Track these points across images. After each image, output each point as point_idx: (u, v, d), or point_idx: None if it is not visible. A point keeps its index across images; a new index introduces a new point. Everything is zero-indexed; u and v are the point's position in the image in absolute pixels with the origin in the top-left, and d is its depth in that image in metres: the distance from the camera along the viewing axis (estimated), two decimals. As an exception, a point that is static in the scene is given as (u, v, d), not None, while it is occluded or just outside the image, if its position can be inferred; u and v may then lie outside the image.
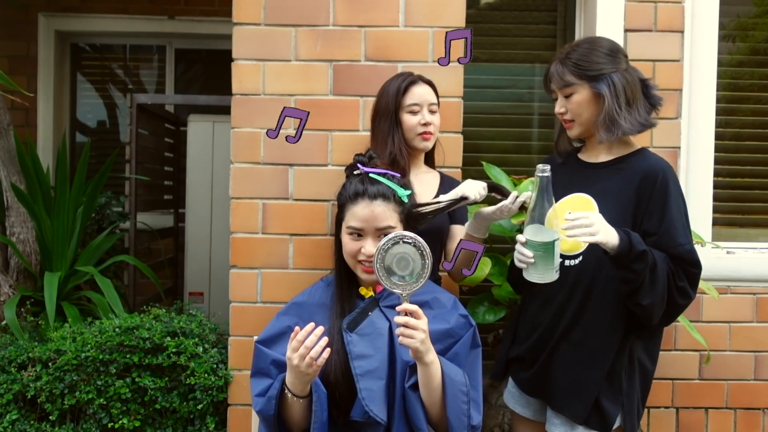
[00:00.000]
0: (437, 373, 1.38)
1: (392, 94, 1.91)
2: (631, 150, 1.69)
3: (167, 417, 2.17)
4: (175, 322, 2.24)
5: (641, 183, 1.60)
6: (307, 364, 1.31)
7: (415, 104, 1.90)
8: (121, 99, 4.46)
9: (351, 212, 1.49)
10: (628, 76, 1.64)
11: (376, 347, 1.44)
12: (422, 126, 1.90)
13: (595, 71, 1.62)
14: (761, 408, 2.60)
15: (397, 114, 1.91)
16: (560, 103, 1.69)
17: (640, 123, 1.63)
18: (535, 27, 2.89)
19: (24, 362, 2.17)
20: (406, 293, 1.37)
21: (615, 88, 1.61)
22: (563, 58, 1.67)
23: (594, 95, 1.63)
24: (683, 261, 1.56)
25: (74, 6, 4.18)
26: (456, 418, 1.40)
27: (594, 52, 1.64)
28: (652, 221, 1.58)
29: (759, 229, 2.80)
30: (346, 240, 1.50)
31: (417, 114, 1.91)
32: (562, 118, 1.71)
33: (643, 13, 2.53)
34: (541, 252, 1.52)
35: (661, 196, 1.58)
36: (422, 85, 1.94)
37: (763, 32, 2.84)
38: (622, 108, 1.61)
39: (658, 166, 1.61)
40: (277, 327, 1.51)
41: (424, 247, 1.37)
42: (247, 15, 2.19)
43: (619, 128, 1.60)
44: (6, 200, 2.72)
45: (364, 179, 1.52)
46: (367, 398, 1.38)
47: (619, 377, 1.62)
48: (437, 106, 1.95)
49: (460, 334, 1.49)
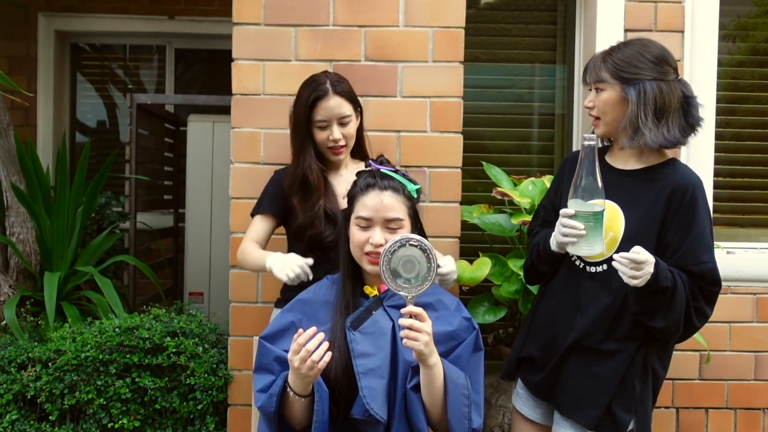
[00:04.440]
0: (439, 375, 1.38)
1: (302, 106, 1.85)
2: (662, 159, 1.65)
3: (167, 417, 2.17)
4: (175, 322, 2.24)
5: (671, 195, 1.56)
6: (308, 367, 1.32)
7: (323, 120, 1.84)
8: (121, 99, 4.46)
9: (360, 203, 1.51)
10: (665, 88, 1.56)
11: (378, 346, 1.44)
12: (331, 142, 1.86)
13: (630, 74, 1.57)
14: (761, 408, 2.60)
15: (308, 126, 1.86)
16: (590, 96, 1.65)
17: (666, 138, 1.56)
18: (535, 27, 2.89)
19: (24, 362, 2.17)
20: (411, 296, 1.37)
21: (645, 95, 1.55)
22: (607, 54, 1.62)
23: (622, 98, 1.59)
24: (703, 279, 1.53)
25: (74, 6, 4.18)
26: (457, 421, 1.40)
27: (639, 57, 1.58)
28: (677, 236, 1.55)
29: (759, 229, 2.79)
30: (354, 231, 1.51)
31: (325, 129, 1.85)
32: (589, 113, 1.67)
33: (643, 13, 2.53)
34: (591, 222, 1.50)
35: (688, 211, 1.55)
36: (331, 98, 1.83)
37: (763, 32, 2.84)
38: (648, 117, 1.55)
39: (689, 180, 1.57)
40: (281, 323, 1.51)
41: (430, 249, 1.37)
42: (247, 15, 2.19)
43: (641, 137, 1.56)
44: (6, 200, 2.72)
45: (374, 174, 1.55)
46: (368, 397, 1.38)
47: (633, 383, 1.60)
48: (352, 115, 1.87)
49: (463, 337, 1.49)
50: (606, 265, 1.61)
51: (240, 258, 1.90)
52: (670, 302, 1.50)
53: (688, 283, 1.53)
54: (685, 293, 1.51)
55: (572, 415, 1.63)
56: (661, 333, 1.54)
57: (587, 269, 1.65)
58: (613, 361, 1.60)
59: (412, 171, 2.13)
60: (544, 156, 2.91)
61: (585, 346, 1.62)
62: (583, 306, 1.63)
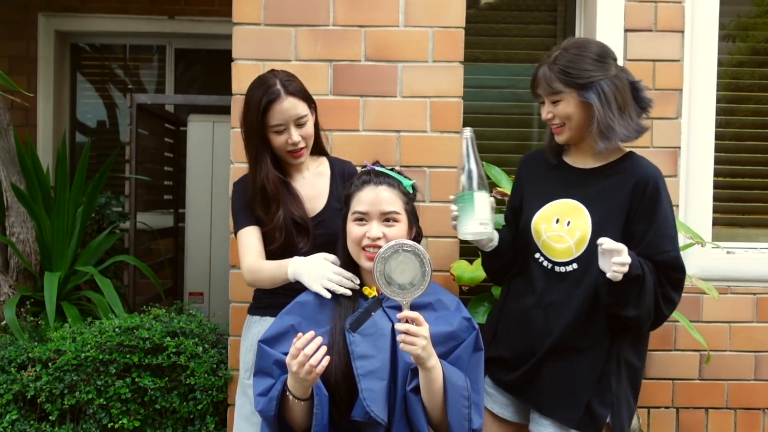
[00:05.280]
0: (439, 377, 1.38)
1: (254, 111, 1.73)
2: (620, 154, 1.68)
3: (167, 417, 2.17)
4: (175, 322, 2.24)
5: (634, 189, 1.60)
6: (306, 371, 1.32)
7: (279, 125, 1.73)
8: (121, 99, 4.46)
9: (356, 198, 1.51)
10: (618, 82, 1.60)
11: (378, 348, 1.44)
12: (290, 145, 1.75)
13: (584, 79, 1.58)
14: (761, 408, 2.60)
15: (263, 133, 1.75)
16: (547, 108, 1.66)
17: (633, 129, 1.60)
18: (535, 27, 2.89)
19: (24, 362, 2.17)
20: (406, 301, 1.37)
21: (605, 95, 1.57)
22: (551, 63, 1.62)
23: (582, 103, 1.60)
24: (668, 267, 1.57)
25: (74, 6, 4.18)
26: (457, 422, 1.40)
27: (582, 58, 1.59)
28: (640, 227, 1.59)
29: (759, 229, 2.79)
30: (352, 227, 1.51)
31: (283, 133, 1.74)
32: (550, 123, 1.68)
33: (643, 13, 2.53)
34: (462, 204, 1.63)
35: (651, 203, 1.59)
36: (284, 99, 1.71)
37: (763, 32, 2.84)
38: (615, 115, 1.58)
39: (650, 173, 1.61)
40: (281, 326, 1.51)
41: (424, 255, 1.38)
42: (247, 15, 2.19)
43: (615, 136, 1.58)
44: (6, 200, 2.72)
45: (370, 172, 1.56)
46: (368, 398, 1.38)
47: (608, 379, 1.62)
48: (308, 115, 1.77)
49: (463, 337, 1.49)
50: (576, 264, 1.64)
51: (251, 278, 1.76)
52: (640, 290, 1.52)
53: (654, 271, 1.56)
54: (653, 281, 1.55)
55: (554, 414, 1.64)
56: (634, 321, 1.57)
57: (556, 269, 1.66)
58: (589, 358, 1.62)
59: (412, 171, 2.13)
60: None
61: (563, 347, 1.64)
62: (557, 307, 1.65)
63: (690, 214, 2.59)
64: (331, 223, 1.77)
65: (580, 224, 1.62)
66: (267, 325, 1.73)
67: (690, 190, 2.59)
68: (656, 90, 2.56)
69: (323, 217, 1.81)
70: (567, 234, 1.63)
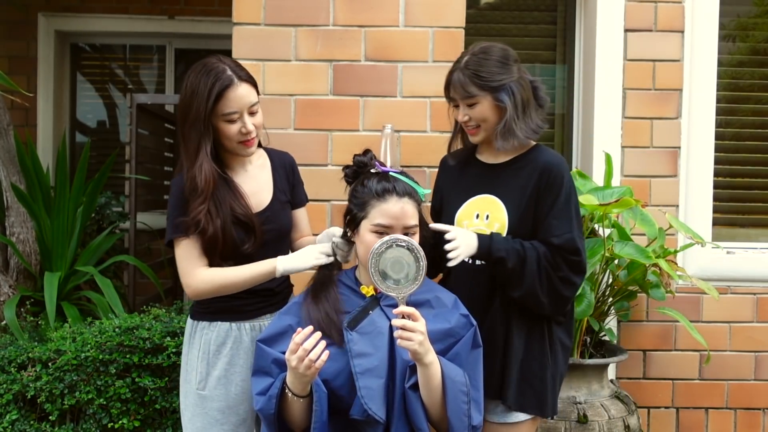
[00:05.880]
0: (437, 373, 1.38)
1: (203, 99, 1.57)
2: (528, 147, 1.75)
3: (167, 417, 2.17)
4: (175, 322, 2.24)
5: (539, 176, 1.68)
6: (306, 366, 1.32)
7: (233, 112, 1.59)
8: (121, 99, 4.46)
9: (379, 209, 1.46)
10: (523, 83, 1.69)
11: (376, 346, 1.44)
12: (243, 135, 1.62)
13: (497, 82, 1.66)
14: (761, 408, 2.61)
15: (209, 121, 1.59)
16: (463, 111, 1.71)
17: (532, 130, 1.69)
18: (535, 27, 2.89)
19: (24, 362, 2.17)
20: (402, 296, 1.38)
21: (515, 97, 1.66)
22: (464, 69, 1.68)
23: (495, 105, 1.67)
24: (565, 250, 1.63)
25: (74, 6, 4.18)
26: (456, 419, 1.40)
27: (494, 63, 1.67)
28: (542, 211, 1.66)
29: (759, 229, 2.80)
30: (369, 237, 1.46)
31: (236, 122, 1.60)
32: (466, 125, 1.74)
33: (643, 13, 2.53)
34: None
35: (552, 188, 1.66)
36: (239, 86, 1.59)
37: (763, 32, 2.84)
38: (519, 116, 1.67)
39: (553, 161, 1.69)
40: (279, 326, 1.51)
41: (418, 250, 1.38)
42: (247, 15, 2.19)
43: (514, 137, 1.66)
44: (6, 200, 2.72)
45: (386, 177, 1.51)
46: (367, 397, 1.38)
47: (546, 361, 1.68)
48: (257, 104, 1.65)
49: (461, 334, 1.49)
50: None
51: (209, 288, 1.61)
52: (520, 273, 1.61)
53: (550, 255, 1.63)
54: (543, 264, 1.62)
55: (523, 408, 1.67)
56: (521, 301, 1.64)
57: (475, 263, 1.70)
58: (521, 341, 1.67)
59: (412, 171, 2.12)
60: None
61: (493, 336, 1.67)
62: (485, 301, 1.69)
63: (690, 214, 2.59)
64: (277, 217, 1.71)
65: (498, 216, 1.69)
66: (217, 332, 1.67)
67: (690, 190, 2.59)
68: (656, 90, 2.56)
69: (270, 212, 1.70)
70: (487, 227, 1.70)
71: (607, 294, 2.32)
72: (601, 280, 2.25)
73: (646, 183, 2.57)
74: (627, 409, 2.15)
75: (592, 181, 2.36)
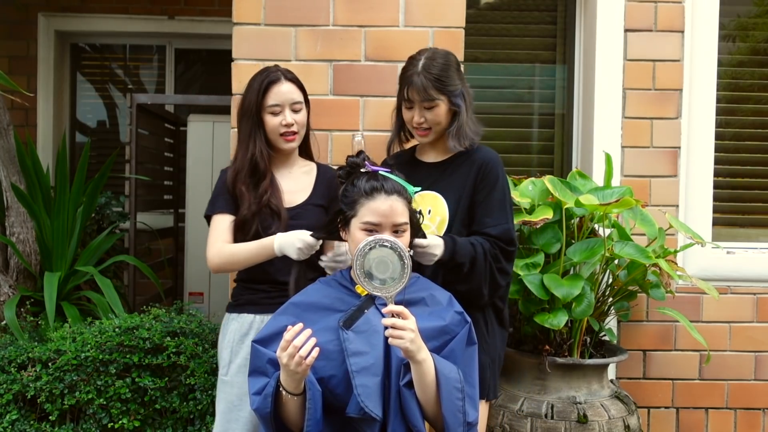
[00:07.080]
0: (430, 370, 1.39)
1: (254, 93, 1.82)
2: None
3: (167, 417, 2.17)
4: (175, 322, 2.24)
5: (477, 172, 1.79)
6: (296, 363, 1.32)
7: (276, 105, 1.81)
8: (121, 99, 4.46)
9: (367, 207, 1.48)
10: (470, 89, 1.82)
11: (371, 344, 1.44)
12: (284, 127, 1.82)
13: (453, 86, 1.76)
14: (761, 408, 2.61)
15: (259, 114, 1.82)
16: (419, 113, 1.78)
17: (476, 130, 1.82)
18: (535, 27, 2.89)
19: (24, 362, 2.17)
20: (389, 295, 1.39)
21: (466, 102, 1.79)
22: (424, 73, 1.74)
23: (450, 109, 1.78)
24: (501, 240, 1.74)
25: (74, 6, 4.18)
26: (451, 415, 1.40)
27: (447, 68, 1.77)
28: (479, 204, 1.77)
29: (759, 229, 2.80)
30: (360, 236, 1.48)
31: (278, 115, 1.81)
32: (419, 126, 1.80)
33: (643, 13, 2.53)
34: None
35: (488, 182, 1.78)
36: (284, 83, 1.82)
37: (763, 32, 2.84)
38: (470, 119, 1.80)
39: (489, 157, 1.81)
40: (275, 326, 1.51)
41: (402, 249, 1.39)
42: (247, 15, 2.19)
43: (466, 138, 1.78)
44: (6, 200, 2.72)
45: (375, 176, 1.53)
46: (363, 395, 1.39)
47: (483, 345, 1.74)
48: (303, 103, 1.86)
49: (456, 331, 1.50)
50: None
51: (220, 261, 1.79)
52: (471, 271, 1.70)
53: (489, 248, 1.73)
54: (488, 260, 1.72)
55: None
56: (466, 295, 1.69)
57: None
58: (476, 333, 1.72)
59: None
60: (544, 156, 2.91)
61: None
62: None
63: (690, 214, 2.59)
64: (307, 216, 1.83)
65: (439, 211, 1.79)
66: (242, 323, 1.84)
67: (690, 190, 2.59)
68: (656, 90, 2.56)
69: (301, 210, 1.85)
70: (430, 221, 1.79)
71: (607, 294, 2.32)
72: (601, 280, 2.25)
73: (646, 183, 2.57)
74: (627, 409, 2.15)
75: (592, 181, 2.36)
